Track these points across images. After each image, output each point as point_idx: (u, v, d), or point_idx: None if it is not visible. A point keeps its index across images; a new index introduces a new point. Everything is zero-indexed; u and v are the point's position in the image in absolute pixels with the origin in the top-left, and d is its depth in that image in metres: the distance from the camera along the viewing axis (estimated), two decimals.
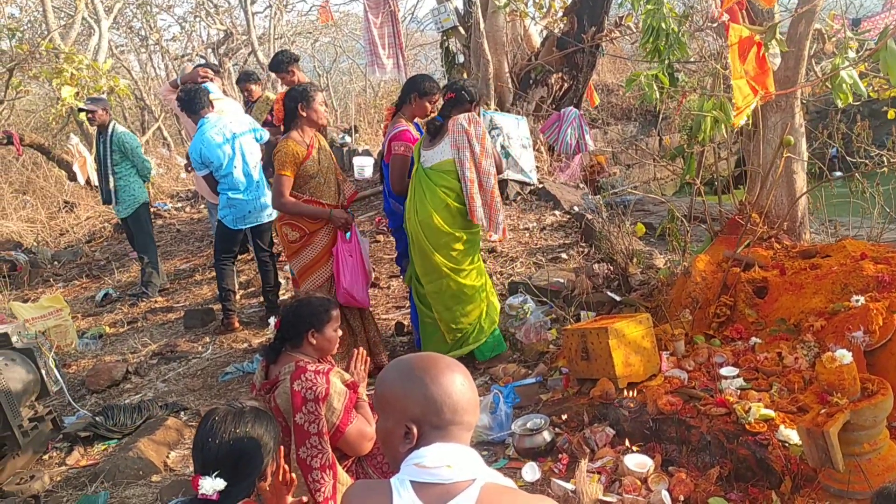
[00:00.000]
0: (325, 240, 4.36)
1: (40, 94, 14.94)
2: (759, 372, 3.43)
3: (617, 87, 12.44)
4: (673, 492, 2.91)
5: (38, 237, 9.88)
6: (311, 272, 4.37)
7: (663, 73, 4.01)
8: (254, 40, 14.00)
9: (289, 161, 4.20)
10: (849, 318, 3.39)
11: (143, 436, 4.20)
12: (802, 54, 4.17)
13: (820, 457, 2.55)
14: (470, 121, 4.24)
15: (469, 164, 4.22)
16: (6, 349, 4.49)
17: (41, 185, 11.56)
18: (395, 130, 4.55)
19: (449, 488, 1.53)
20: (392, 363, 1.72)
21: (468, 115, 4.28)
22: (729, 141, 4.82)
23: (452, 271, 4.29)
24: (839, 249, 3.94)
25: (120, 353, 5.89)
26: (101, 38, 11.23)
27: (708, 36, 5.58)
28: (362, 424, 2.93)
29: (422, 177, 4.34)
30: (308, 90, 4.30)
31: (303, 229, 4.33)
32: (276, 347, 3.04)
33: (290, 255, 4.42)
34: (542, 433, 3.52)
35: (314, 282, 4.36)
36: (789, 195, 4.35)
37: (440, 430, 1.59)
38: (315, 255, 4.36)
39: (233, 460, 2.02)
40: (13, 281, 8.07)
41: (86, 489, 3.83)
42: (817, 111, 6.37)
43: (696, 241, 5.11)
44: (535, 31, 9.08)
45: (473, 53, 7.90)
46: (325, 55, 19.17)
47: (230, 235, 5.72)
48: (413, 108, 4.61)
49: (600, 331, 3.61)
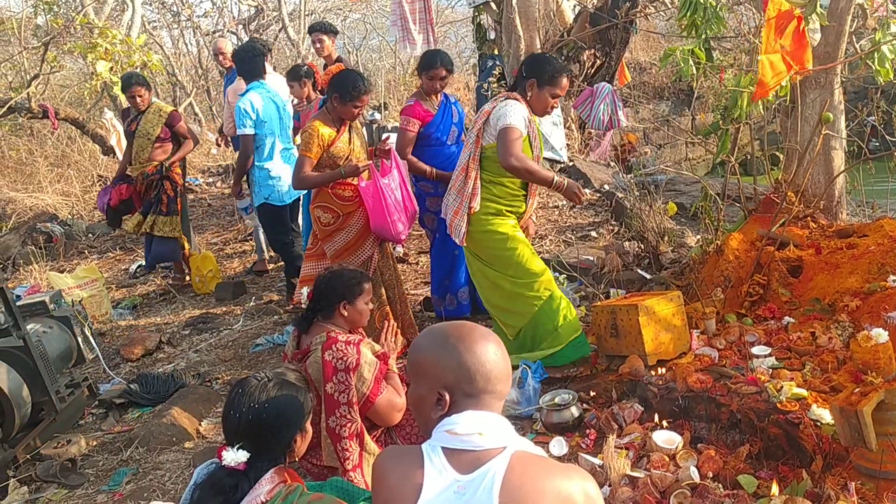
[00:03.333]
0: (358, 224, 4.28)
1: (74, 70, 15.09)
2: (791, 351, 3.39)
3: (650, 66, 12.28)
4: (701, 468, 2.90)
5: (73, 210, 10.03)
6: (346, 255, 4.31)
7: (700, 48, 3.94)
8: (284, 16, 14.01)
9: (314, 142, 4.11)
10: (885, 299, 3.34)
11: (175, 404, 4.28)
12: (843, 29, 4.07)
13: (853, 436, 2.53)
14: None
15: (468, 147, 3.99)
16: (44, 317, 4.60)
17: (76, 160, 11.70)
18: (406, 104, 4.79)
19: (480, 455, 1.54)
20: (426, 330, 1.73)
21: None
22: (765, 119, 4.73)
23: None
24: (877, 229, 3.88)
25: (153, 324, 6.00)
26: (134, 13, 11.29)
27: (747, 10, 5.47)
28: (392, 395, 2.96)
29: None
30: (351, 90, 4.10)
31: (335, 212, 4.25)
32: (309, 318, 3.07)
33: (324, 237, 4.35)
34: (570, 408, 3.52)
35: (350, 264, 4.31)
36: (826, 174, 4.27)
37: (472, 397, 1.60)
38: (350, 239, 4.29)
39: (255, 432, 2.01)
40: (49, 252, 8.21)
41: (121, 454, 3.92)
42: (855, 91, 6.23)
43: (730, 221, 5.05)
44: (568, 7, 8.98)
45: (505, 29, 7.82)
46: (354, 32, 19.12)
47: (279, 214, 5.66)
48: (423, 83, 4.74)
49: (630, 308, 3.60)
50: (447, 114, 4.78)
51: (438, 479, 1.53)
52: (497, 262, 3.99)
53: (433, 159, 4.74)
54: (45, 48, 10.15)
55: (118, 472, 3.75)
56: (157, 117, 6.24)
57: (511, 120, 3.78)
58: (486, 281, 4.07)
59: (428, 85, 4.68)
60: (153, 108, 6.27)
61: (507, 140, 3.75)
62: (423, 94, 4.74)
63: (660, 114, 11.89)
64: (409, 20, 8.48)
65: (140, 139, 6.23)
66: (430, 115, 4.67)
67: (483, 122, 3.92)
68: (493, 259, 4.00)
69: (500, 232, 3.94)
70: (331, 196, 4.25)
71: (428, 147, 4.72)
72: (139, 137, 6.23)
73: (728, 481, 2.83)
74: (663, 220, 5.26)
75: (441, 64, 4.65)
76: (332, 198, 4.25)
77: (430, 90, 4.70)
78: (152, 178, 6.29)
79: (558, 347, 3.92)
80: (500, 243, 3.95)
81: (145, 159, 6.25)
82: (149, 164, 6.25)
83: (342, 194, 4.26)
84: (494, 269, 4.00)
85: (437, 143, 4.73)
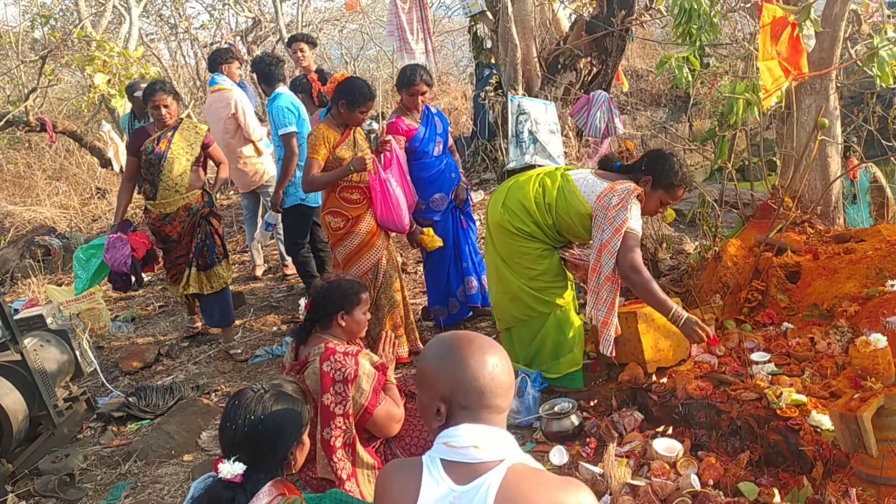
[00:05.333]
0: (368, 226, 4.36)
1: (72, 82, 15.11)
2: (790, 357, 3.39)
3: (646, 73, 12.30)
4: (702, 476, 2.89)
5: (72, 223, 10.03)
6: (356, 260, 4.37)
7: (694, 55, 3.95)
8: (282, 28, 14.03)
9: (320, 144, 4.23)
10: (883, 303, 3.33)
11: (174, 416, 4.27)
12: (838, 35, 4.08)
13: (853, 442, 2.52)
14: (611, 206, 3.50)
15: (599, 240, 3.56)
16: (41, 331, 4.59)
17: (74, 172, 11.72)
18: (387, 121, 4.78)
19: (477, 467, 1.54)
20: (435, 338, 1.73)
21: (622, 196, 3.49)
22: (761, 125, 4.74)
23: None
24: (874, 234, 3.88)
25: (152, 336, 5.98)
26: (131, 25, 11.33)
27: (742, 17, 5.49)
28: (390, 406, 2.95)
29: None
30: (357, 96, 4.22)
31: (345, 216, 4.34)
32: (307, 328, 3.07)
33: (334, 242, 4.44)
34: (569, 417, 3.51)
35: (360, 268, 4.36)
36: (823, 179, 4.28)
37: (467, 410, 1.60)
38: (359, 242, 4.36)
39: (251, 444, 2.01)
40: (47, 265, 8.21)
41: (119, 467, 3.90)
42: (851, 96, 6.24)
43: (728, 227, 5.05)
44: (564, 15, 8.99)
45: (501, 38, 7.84)
46: (352, 42, 19.16)
47: (310, 217, 5.60)
48: (403, 99, 4.71)
49: (629, 315, 3.59)
50: (430, 126, 4.76)
51: (436, 489, 1.54)
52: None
53: (422, 172, 4.73)
54: (42, 61, 10.16)
55: (117, 486, 3.74)
56: (194, 135, 5.02)
57: (635, 224, 3.47)
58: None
59: (409, 101, 4.64)
60: (187, 124, 5.06)
61: (629, 247, 3.42)
62: (405, 110, 4.71)
63: (657, 120, 11.90)
64: (406, 30, 8.50)
65: (174, 163, 4.89)
66: (413, 130, 4.66)
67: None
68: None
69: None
70: (339, 200, 4.34)
71: (416, 161, 4.72)
72: (171, 161, 4.88)
73: (729, 489, 2.82)
74: (661, 227, 5.25)
75: (421, 80, 4.60)
76: (340, 202, 4.34)
77: (412, 106, 4.67)
78: (200, 212, 5.06)
79: (554, 376, 3.90)
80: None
81: (185, 189, 4.97)
82: (190, 194, 5.01)
83: (350, 198, 4.34)
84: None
85: (425, 156, 4.72)
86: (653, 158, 3.62)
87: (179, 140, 4.93)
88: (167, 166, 4.87)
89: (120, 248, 4.86)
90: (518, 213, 3.74)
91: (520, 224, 3.73)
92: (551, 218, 3.71)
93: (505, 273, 3.83)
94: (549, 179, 3.76)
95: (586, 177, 3.71)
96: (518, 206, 3.74)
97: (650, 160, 3.61)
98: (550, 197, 3.71)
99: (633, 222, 3.46)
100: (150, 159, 4.89)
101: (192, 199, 5.01)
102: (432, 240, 4.64)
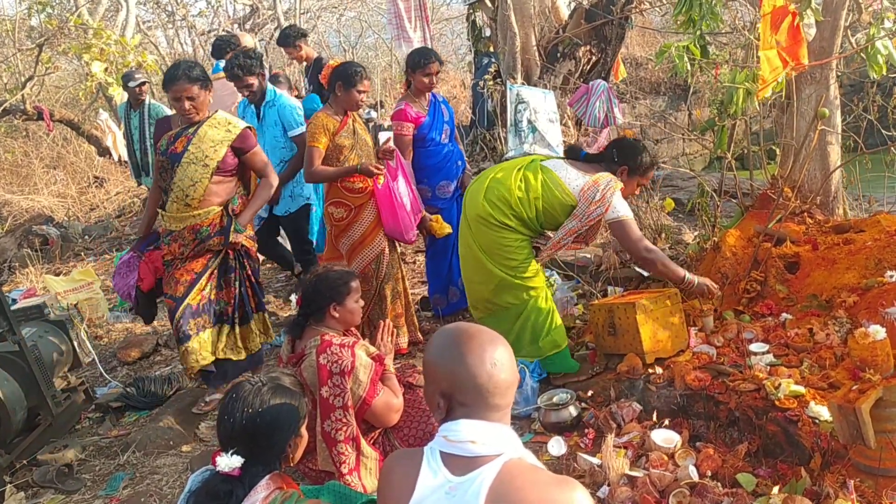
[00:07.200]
0: (371, 215, 4.34)
1: (69, 70, 15.05)
2: (789, 348, 3.38)
3: (646, 61, 12.25)
4: (700, 467, 2.89)
5: (69, 212, 10.02)
6: (360, 250, 4.35)
7: (695, 44, 3.92)
8: (280, 15, 13.97)
9: (320, 132, 4.21)
10: (882, 294, 3.32)
11: (173, 407, 4.27)
12: (838, 24, 4.06)
13: (851, 433, 2.52)
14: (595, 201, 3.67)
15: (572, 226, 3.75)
16: (39, 321, 4.58)
17: (71, 161, 11.68)
18: (395, 109, 4.74)
19: (473, 460, 1.57)
20: (440, 330, 1.74)
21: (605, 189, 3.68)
22: (760, 115, 4.72)
23: None
24: (873, 224, 3.86)
25: (150, 326, 5.97)
26: (128, 13, 11.28)
27: (742, 6, 5.45)
28: (389, 396, 2.94)
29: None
30: (353, 75, 4.21)
31: (347, 205, 4.32)
32: (301, 322, 3.06)
33: (337, 234, 4.40)
34: (568, 408, 3.51)
35: (364, 258, 4.35)
36: (823, 169, 4.26)
37: (465, 406, 1.61)
38: (363, 231, 4.34)
39: (248, 437, 2.00)
40: (45, 255, 8.19)
41: (118, 458, 3.90)
42: (851, 84, 6.21)
43: (727, 217, 5.04)
44: (563, 3, 8.96)
45: (500, 26, 7.80)
46: (350, 30, 19.08)
47: (308, 216, 5.56)
48: (414, 83, 4.66)
49: (628, 306, 3.58)
50: (438, 113, 4.76)
51: (432, 479, 1.58)
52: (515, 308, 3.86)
53: (430, 159, 4.74)
54: (39, 49, 10.12)
55: (115, 477, 3.74)
56: (221, 133, 3.79)
57: (625, 211, 3.70)
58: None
59: (422, 83, 4.61)
60: (218, 120, 3.83)
61: (632, 232, 3.71)
62: (412, 97, 4.69)
63: (656, 109, 11.86)
64: (404, 18, 8.46)
65: (189, 167, 3.72)
66: (421, 117, 4.65)
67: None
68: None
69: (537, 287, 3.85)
70: (341, 190, 4.32)
71: (423, 148, 4.71)
72: (185, 166, 3.72)
73: (727, 480, 2.82)
74: (660, 217, 5.24)
75: (434, 58, 4.62)
76: (342, 192, 4.32)
77: (426, 88, 4.64)
78: (211, 239, 3.80)
79: (532, 359, 3.88)
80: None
81: (196, 202, 3.77)
82: (203, 213, 3.78)
83: (352, 187, 4.32)
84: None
85: (432, 143, 4.71)
86: (624, 149, 3.85)
87: (201, 139, 3.75)
88: (180, 172, 3.73)
89: (125, 276, 4.01)
90: (501, 207, 3.74)
91: (502, 217, 3.74)
92: (534, 211, 3.75)
93: (487, 264, 3.82)
94: (531, 173, 3.79)
95: (564, 167, 3.81)
96: (501, 200, 3.75)
97: (622, 151, 3.84)
98: (535, 192, 3.73)
99: (622, 209, 3.68)
100: (162, 161, 3.83)
101: (202, 219, 3.77)
102: (441, 226, 4.64)
